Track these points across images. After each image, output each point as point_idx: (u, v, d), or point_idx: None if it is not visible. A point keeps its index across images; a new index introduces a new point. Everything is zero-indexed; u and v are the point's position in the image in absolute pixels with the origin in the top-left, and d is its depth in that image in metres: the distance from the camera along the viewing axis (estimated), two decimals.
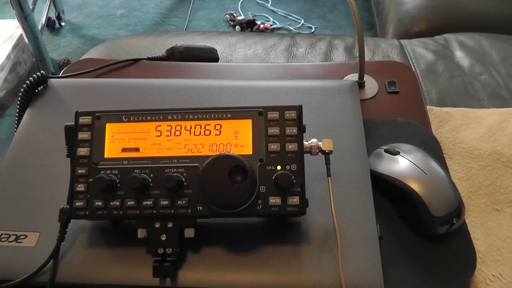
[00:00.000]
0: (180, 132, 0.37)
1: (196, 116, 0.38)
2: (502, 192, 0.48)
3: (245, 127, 0.37)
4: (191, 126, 0.38)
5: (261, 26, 1.79)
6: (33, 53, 1.44)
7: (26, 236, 0.40)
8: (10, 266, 0.38)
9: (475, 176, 0.49)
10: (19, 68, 1.48)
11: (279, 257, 0.38)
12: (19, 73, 1.49)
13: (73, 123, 0.38)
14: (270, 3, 1.96)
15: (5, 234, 0.40)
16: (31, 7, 1.37)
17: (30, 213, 0.42)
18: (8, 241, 0.40)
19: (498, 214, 0.46)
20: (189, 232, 0.36)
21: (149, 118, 0.38)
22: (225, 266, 0.37)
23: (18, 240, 0.40)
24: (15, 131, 0.50)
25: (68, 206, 0.37)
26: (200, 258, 0.38)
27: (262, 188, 0.36)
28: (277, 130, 0.37)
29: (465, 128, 0.53)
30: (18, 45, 1.47)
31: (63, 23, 1.78)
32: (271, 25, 1.82)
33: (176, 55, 0.62)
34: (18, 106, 0.51)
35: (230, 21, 1.83)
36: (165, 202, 0.36)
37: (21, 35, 1.45)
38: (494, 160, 0.50)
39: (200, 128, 0.37)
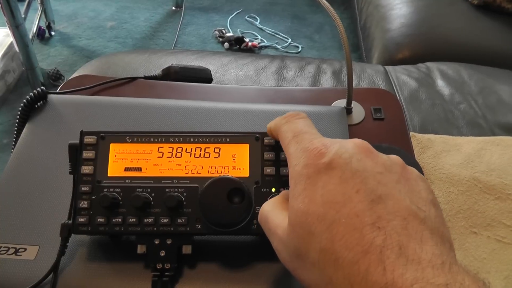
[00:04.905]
0: (181, 154, 0.39)
1: (196, 139, 0.40)
2: (479, 216, 0.51)
3: (243, 151, 0.40)
4: (191, 149, 0.40)
5: (249, 43, 1.82)
6: (23, 62, 1.44)
7: (25, 249, 0.41)
8: (10, 278, 0.39)
9: (454, 200, 0.52)
10: (7, 77, 1.48)
11: (272, 273, 0.40)
12: (8, 81, 1.49)
13: (77, 141, 0.40)
14: (258, 21, 2.00)
15: (4, 246, 0.41)
16: (23, 16, 1.38)
17: (29, 227, 0.42)
18: (7, 254, 0.41)
19: (475, 237, 0.49)
20: (187, 249, 0.38)
21: (151, 139, 0.40)
22: (220, 281, 0.39)
23: (18, 253, 0.41)
24: (13, 146, 0.51)
25: (69, 221, 0.39)
26: (196, 274, 0.40)
27: (257, 209, 0.38)
28: (272, 155, 0.39)
29: (445, 155, 0.56)
30: (8, 54, 1.47)
31: (53, 33, 1.78)
32: (259, 43, 1.86)
33: (172, 74, 0.64)
34: (17, 121, 0.53)
35: (219, 38, 1.86)
36: (165, 220, 0.38)
37: (11, 43, 1.45)
38: (472, 186, 0.53)
39: (200, 151, 0.40)
